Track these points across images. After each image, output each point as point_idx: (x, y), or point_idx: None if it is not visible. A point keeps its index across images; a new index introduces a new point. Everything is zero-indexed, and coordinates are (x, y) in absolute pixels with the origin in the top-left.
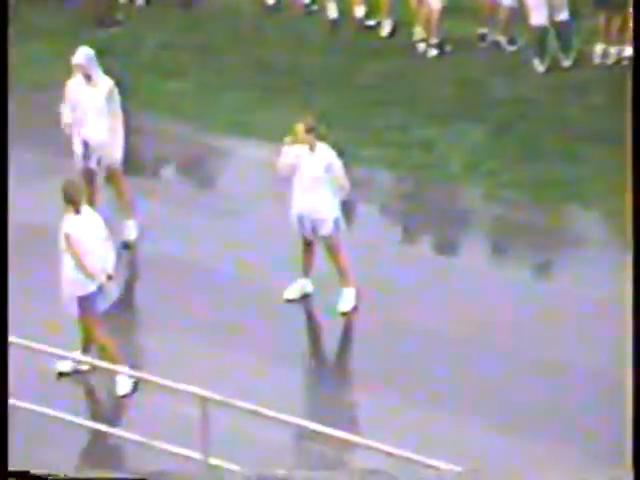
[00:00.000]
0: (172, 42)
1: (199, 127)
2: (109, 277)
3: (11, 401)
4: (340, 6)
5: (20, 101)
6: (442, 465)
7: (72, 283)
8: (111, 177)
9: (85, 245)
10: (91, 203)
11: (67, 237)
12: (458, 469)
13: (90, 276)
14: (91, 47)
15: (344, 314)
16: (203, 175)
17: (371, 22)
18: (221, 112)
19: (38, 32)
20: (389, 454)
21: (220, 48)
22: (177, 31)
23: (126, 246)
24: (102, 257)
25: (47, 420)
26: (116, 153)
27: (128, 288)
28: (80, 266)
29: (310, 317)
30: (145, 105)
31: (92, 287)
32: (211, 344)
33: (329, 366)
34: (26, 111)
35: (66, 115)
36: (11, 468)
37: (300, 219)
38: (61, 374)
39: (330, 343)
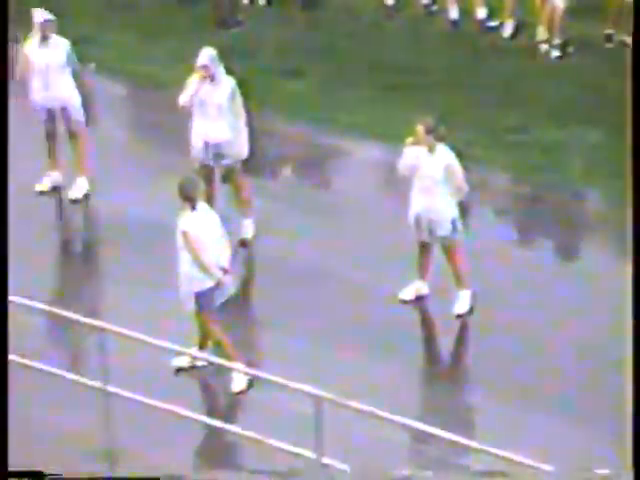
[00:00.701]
0: (292, 42)
1: (317, 127)
2: (225, 272)
3: (127, 394)
4: (461, 6)
5: (143, 100)
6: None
7: (190, 279)
8: (230, 175)
9: (202, 242)
10: (209, 201)
11: (185, 234)
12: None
13: (207, 272)
14: (214, 47)
15: (460, 316)
16: (321, 175)
17: (493, 23)
18: (340, 112)
19: (161, 32)
20: (505, 458)
21: (340, 48)
22: (297, 31)
23: (243, 244)
24: (218, 254)
25: (163, 416)
26: (240, 152)
27: (244, 286)
28: (198, 262)
29: (425, 319)
30: (264, 105)
31: (209, 283)
32: (325, 343)
33: (444, 368)
34: (148, 109)
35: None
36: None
37: (417, 220)
38: (178, 370)
39: (445, 345)
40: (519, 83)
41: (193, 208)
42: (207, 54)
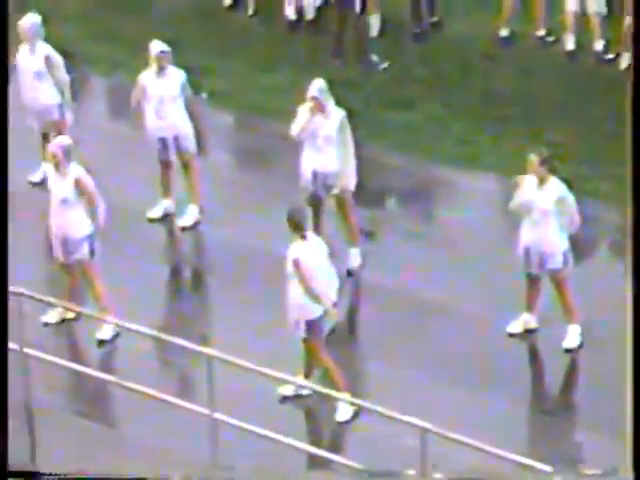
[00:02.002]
0: (402, 73)
1: (426, 158)
2: (334, 304)
3: (233, 421)
4: (578, 38)
5: (254, 129)
6: None
7: (300, 307)
8: (339, 205)
9: (312, 270)
10: (317, 230)
11: (296, 262)
12: None
13: (317, 300)
14: (324, 78)
15: (569, 351)
16: (428, 206)
17: (610, 55)
18: (449, 143)
19: (274, 62)
20: None
21: (450, 79)
22: (407, 62)
23: (350, 274)
24: (327, 282)
25: (268, 444)
26: (348, 182)
27: (351, 316)
28: (309, 291)
29: (533, 353)
30: (373, 136)
31: (319, 311)
32: (432, 375)
33: (553, 403)
34: (259, 139)
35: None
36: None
37: (527, 252)
38: (284, 398)
39: (554, 380)
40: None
41: (303, 237)
42: (317, 85)
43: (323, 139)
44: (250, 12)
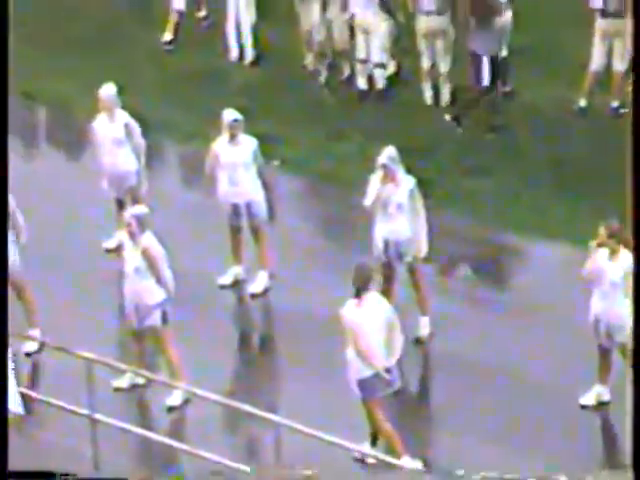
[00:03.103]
0: (474, 140)
1: (497, 226)
2: (387, 370)
3: None
4: None
5: (325, 197)
6: None
7: (352, 366)
8: (410, 273)
9: (365, 330)
10: (389, 298)
11: (345, 320)
12: None
13: (366, 360)
14: (395, 146)
15: None
16: (499, 274)
17: None
18: (520, 211)
19: (345, 130)
20: None
21: (522, 147)
22: (479, 130)
23: (419, 341)
24: (382, 345)
25: None
26: (420, 250)
27: (421, 384)
28: (357, 349)
29: (606, 426)
30: (444, 203)
31: (368, 372)
32: (500, 443)
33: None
34: (330, 206)
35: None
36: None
37: (596, 323)
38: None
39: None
40: None
41: (364, 296)
42: (387, 153)
43: (394, 207)
44: (322, 82)
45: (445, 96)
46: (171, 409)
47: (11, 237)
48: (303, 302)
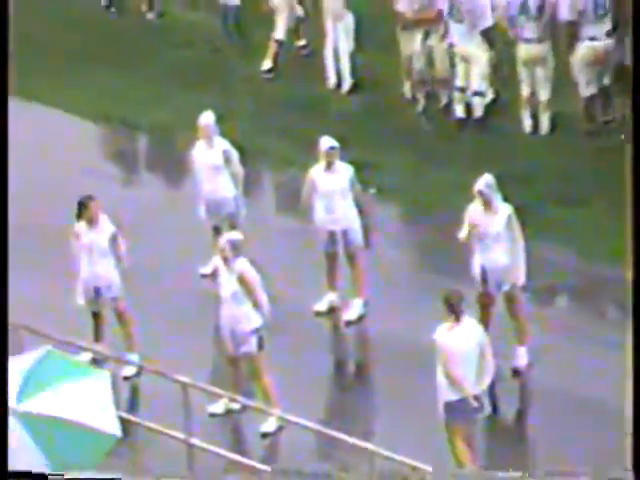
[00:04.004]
0: (572, 170)
1: (595, 255)
2: (475, 397)
3: None
4: None
5: (421, 225)
6: None
7: (441, 388)
8: (508, 302)
9: (455, 355)
10: (485, 325)
11: (436, 343)
12: None
13: (454, 384)
14: (492, 174)
15: None
16: (598, 304)
17: None
18: (618, 240)
19: (441, 158)
20: None
21: (619, 176)
22: (578, 159)
23: (516, 373)
24: (472, 371)
25: None
26: (518, 279)
27: (518, 415)
28: (446, 373)
29: None
30: (541, 232)
31: (455, 396)
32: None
33: None
34: (426, 235)
35: (464, 232)
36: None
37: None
38: None
39: None
40: None
41: (456, 320)
42: (484, 181)
43: (491, 235)
44: (420, 109)
45: (545, 124)
46: (265, 435)
47: (112, 262)
48: (398, 329)
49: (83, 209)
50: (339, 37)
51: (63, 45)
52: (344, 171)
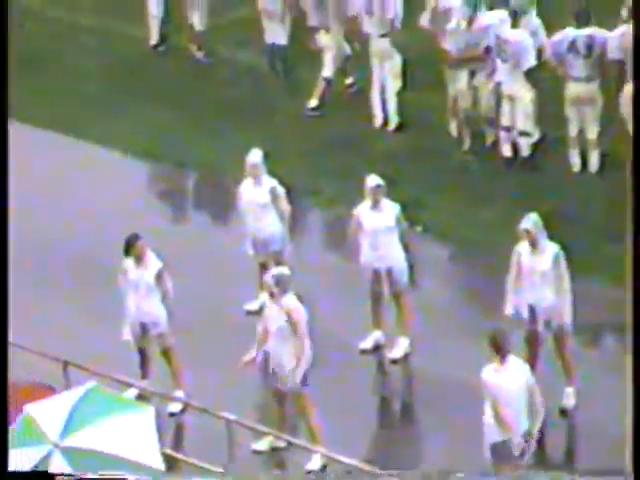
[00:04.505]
0: (618, 206)
1: None
2: (526, 437)
3: None
4: None
5: (468, 264)
6: None
7: (488, 429)
8: (555, 341)
9: (503, 395)
10: (532, 364)
11: (484, 384)
12: None
13: (501, 425)
14: (538, 213)
15: None
16: None
17: None
18: None
19: (489, 196)
20: None
21: None
22: (626, 197)
23: (563, 413)
24: (521, 411)
25: None
26: (565, 318)
27: (566, 455)
28: (494, 412)
29: None
30: (588, 269)
31: (503, 437)
32: None
33: None
34: (473, 274)
35: (511, 281)
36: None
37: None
38: None
39: None
40: None
41: (503, 361)
42: (531, 219)
43: (538, 274)
44: (466, 148)
45: (593, 162)
46: (310, 473)
47: (159, 298)
48: (444, 368)
49: (130, 246)
50: (386, 76)
51: (112, 83)
52: (390, 209)
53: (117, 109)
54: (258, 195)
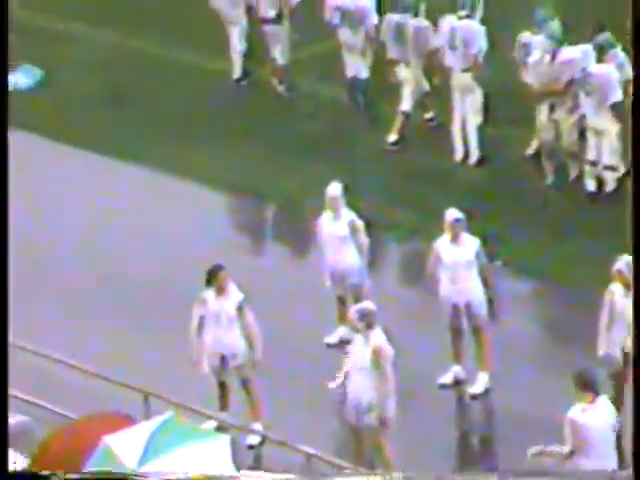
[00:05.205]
0: None
1: None
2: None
3: None
4: None
5: (549, 298)
6: None
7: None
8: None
9: (592, 436)
10: (619, 405)
11: (572, 425)
12: None
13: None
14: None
15: None
16: None
17: None
18: None
19: (570, 230)
20: None
21: None
22: None
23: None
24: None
25: None
26: None
27: None
28: (584, 454)
29: None
30: None
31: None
32: None
33: None
34: (554, 308)
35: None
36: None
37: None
38: None
39: None
40: None
41: (591, 401)
42: (623, 261)
43: (628, 311)
44: (548, 182)
45: None
46: None
47: (239, 330)
48: (524, 405)
49: (213, 276)
50: (467, 110)
51: (194, 115)
52: (470, 243)
53: (198, 141)
54: (337, 228)
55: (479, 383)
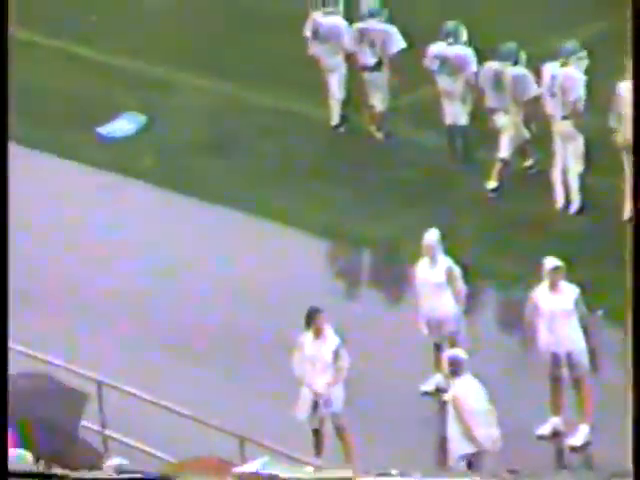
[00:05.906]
0: None
1: None
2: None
3: None
4: None
5: None
6: None
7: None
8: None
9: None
10: None
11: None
12: None
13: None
14: None
15: None
16: None
17: None
18: None
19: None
20: None
21: None
22: None
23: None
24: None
25: None
26: None
27: None
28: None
29: None
30: None
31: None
32: None
33: None
34: None
35: None
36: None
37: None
38: None
39: None
40: None
41: None
42: None
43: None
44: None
45: None
46: None
47: (334, 375)
48: (626, 458)
49: (312, 319)
50: (569, 157)
51: (291, 161)
52: (569, 292)
53: (295, 187)
54: (434, 275)
55: (579, 435)
